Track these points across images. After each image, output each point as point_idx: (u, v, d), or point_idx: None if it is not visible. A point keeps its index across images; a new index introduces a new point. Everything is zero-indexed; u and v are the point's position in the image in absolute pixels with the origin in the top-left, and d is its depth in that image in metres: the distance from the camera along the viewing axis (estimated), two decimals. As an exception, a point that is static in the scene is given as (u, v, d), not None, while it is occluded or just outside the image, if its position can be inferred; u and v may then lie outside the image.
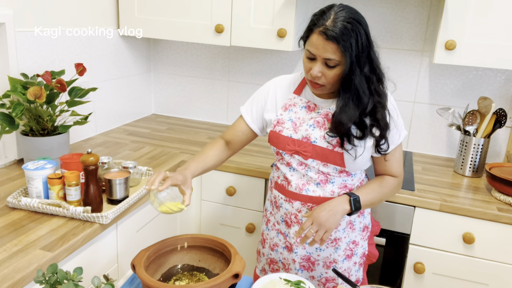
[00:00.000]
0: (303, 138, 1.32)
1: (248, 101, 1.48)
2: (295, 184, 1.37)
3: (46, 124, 1.66)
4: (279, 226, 1.46)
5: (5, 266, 1.11)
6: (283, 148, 1.36)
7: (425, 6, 2.10)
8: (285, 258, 1.48)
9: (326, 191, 1.35)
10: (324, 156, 1.31)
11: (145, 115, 2.67)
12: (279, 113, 1.39)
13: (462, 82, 2.13)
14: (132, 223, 1.58)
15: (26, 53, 1.75)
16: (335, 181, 1.36)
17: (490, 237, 1.67)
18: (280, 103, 1.41)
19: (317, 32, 1.18)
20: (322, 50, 1.18)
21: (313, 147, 1.31)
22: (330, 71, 1.21)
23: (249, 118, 1.46)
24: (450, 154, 2.24)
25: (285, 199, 1.40)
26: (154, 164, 1.86)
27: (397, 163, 1.38)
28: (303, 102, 1.37)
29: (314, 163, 1.33)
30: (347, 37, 1.15)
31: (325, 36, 1.16)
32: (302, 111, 1.36)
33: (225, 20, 2.05)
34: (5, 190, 1.53)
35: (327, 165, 1.32)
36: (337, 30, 1.15)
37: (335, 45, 1.16)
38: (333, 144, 1.29)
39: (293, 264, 1.45)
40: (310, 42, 1.21)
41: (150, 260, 1.17)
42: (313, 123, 1.32)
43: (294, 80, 1.43)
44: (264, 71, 2.44)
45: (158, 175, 1.19)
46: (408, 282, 1.82)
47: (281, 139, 1.35)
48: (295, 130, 1.34)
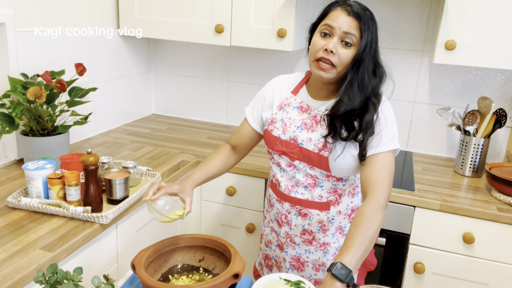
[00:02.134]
0: (291, 139, 1.31)
1: (251, 102, 1.48)
2: (284, 185, 1.37)
3: (46, 124, 1.66)
4: (272, 224, 1.47)
5: (5, 266, 1.11)
6: (272, 147, 1.36)
7: (425, 6, 2.10)
8: (277, 255, 1.48)
9: (314, 195, 1.34)
10: (310, 159, 1.29)
11: (145, 115, 2.67)
12: (274, 112, 1.39)
13: (462, 82, 2.13)
14: (132, 223, 1.58)
15: (26, 53, 1.75)
16: (324, 185, 1.33)
17: (490, 237, 1.67)
18: (276, 102, 1.40)
19: (339, 8, 1.20)
20: (344, 23, 1.19)
21: (300, 149, 1.30)
22: (344, 49, 1.20)
23: (251, 119, 1.46)
24: (450, 154, 2.24)
25: (277, 199, 1.41)
26: (154, 164, 1.86)
27: (381, 176, 1.19)
28: (297, 102, 1.36)
29: (301, 165, 1.32)
30: (367, 19, 1.19)
31: (349, 11, 1.19)
32: (294, 112, 1.35)
33: (225, 20, 2.05)
34: (5, 190, 1.53)
35: (313, 168, 1.31)
36: (359, 8, 1.19)
37: (357, 22, 1.19)
38: (319, 148, 1.27)
39: (284, 263, 1.46)
40: (330, 16, 1.21)
41: (150, 260, 1.17)
42: (301, 124, 1.31)
43: (294, 79, 1.42)
44: (264, 71, 2.44)
45: (152, 186, 1.21)
46: (408, 282, 1.82)
47: (271, 138, 1.35)
48: (284, 130, 1.33)
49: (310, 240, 1.39)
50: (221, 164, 1.43)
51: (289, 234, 1.41)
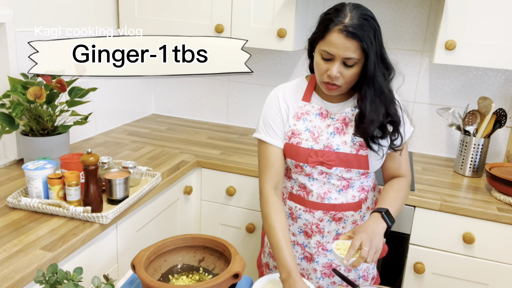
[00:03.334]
0: (325, 147, 1.27)
1: (260, 126, 1.35)
2: (316, 193, 1.32)
3: (46, 124, 1.66)
4: (296, 238, 1.41)
5: (5, 266, 1.11)
6: (304, 160, 1.28)
7: (425, 6, 2.10)
8: (303, 268, 1.42)
9: (348, 197, 1.33)
10: (348, 162, 1.27)
11: (145, 115, 2.67)
12: (292, 123, 1.31)
13: (462, 82, 2.13)
14: (132, 223, 1.58)
15: (26, 53, 1.75)
16: (355, 185, 1.33)
17: (490, 237, 1.67)
18: (291, 113, 1.32)
19: (336, 30, 1.14)
20: (343, 49, 1.14)
21: (337, 154, 1.27)
22: (348, 70, 1.18)
23: (274, 141, 1.32)
24: (450, 154, 2.24)
25: (305, 210, 1.35)
26: (154, 164, 1.86)
27: (405, 160, 1.37)
28: (316, 109, 1.31)
29: (337, 171, 1.29)
30: (367, 34, 1.14)
31: (346, 34, 1.13)
32: (317, 119, 1.30)
33: (225, 20, 2.05)
34: (5, 190, 1.53)
35: (351, 170, 1.29)
36: (357, 27, 1.13)
37: (357, 43, 1.13)
38: (356, 148, 1.27)
39: (313, 274, 1.41)
40: (328, 41, 1.16)
41: (150, 260, 1.17)
42: (333, 130, 1.28)
43: (298, 86, 1.36)
44: (264, 71, 2.43)
45: None
46: (408, 282, 1.82)
47: (301, 151, 1.28)
48: (316, 140, 1.28)
49: None
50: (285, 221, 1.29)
51: (320, 243, 1.37)
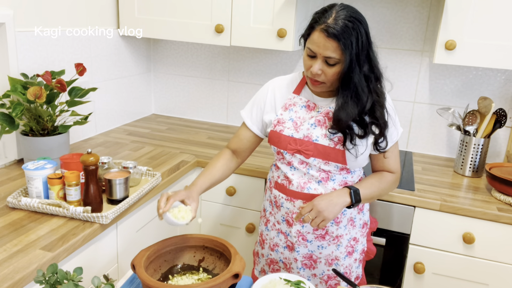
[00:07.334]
0: (305, 137, 1.33)
1: (247, 105, 1.49)
2: (296, 183, 1.37)
3: (46, 124, 1.66)
4: (280, 226, 1.46)
5: (5, 266, 1.11)
6: (284, 147, 1.36)
7: (425, 6, 2.10)
8: (286, 257, 1.48)
9: (328, 189, 1.36)
10: (326, 154, 1.32)
11: (145, 115, 2.67)
12: (279, 113, 1.40)
13: (462, 82, 2.13)
14: (132, 223, 1.58)
15: (26, 53, 1.75)
16: (335, 178, 1.37)
17: (490, 237, 1.67)
18: (279, 103, 1.41)
19: (319, 29, 1.20)
20: (323, 48, 1.20)
21: (315, 145, 1.32)
22: (330, 69, 1.23)
23: (250, 121, 1.46)
24: (450, 154, 2.24)
25: (286, 198, 1.41)
26: (154, 164, 1.86)
27: (394, 159, 1.41)
28: (303, 101, 1.38)
29: (315, 161, 1.34)
30: (348, 35, 1.18)
31: (326, 34, 1.18)
32: (302, 111, 1.37)
33: (225, 20, 2.05)
34: (5, 190, 1.53)
35: (329, 163, 1.33)
36: (338, 28, 1.17)
37: (336, 43, 1.18)
38: (335, 142, 1.31)
39: (294, 263, 1.46)
40: (311, 40, 1.23)
41: (150, 260, 1.17)
42: (314, 122, 1.33)
43: (293, 80, 1.44)
44: (264, 71, 2.43)
45: (162, 197, 1.22)
46: (408, 282, 1.82)
47: (282, 138, 1.36)
48: (296, 129, 1.35)
49: (323, 235, 1.41)
50: (224, 169, 1.44)
51: (301, 233, 1.41)
